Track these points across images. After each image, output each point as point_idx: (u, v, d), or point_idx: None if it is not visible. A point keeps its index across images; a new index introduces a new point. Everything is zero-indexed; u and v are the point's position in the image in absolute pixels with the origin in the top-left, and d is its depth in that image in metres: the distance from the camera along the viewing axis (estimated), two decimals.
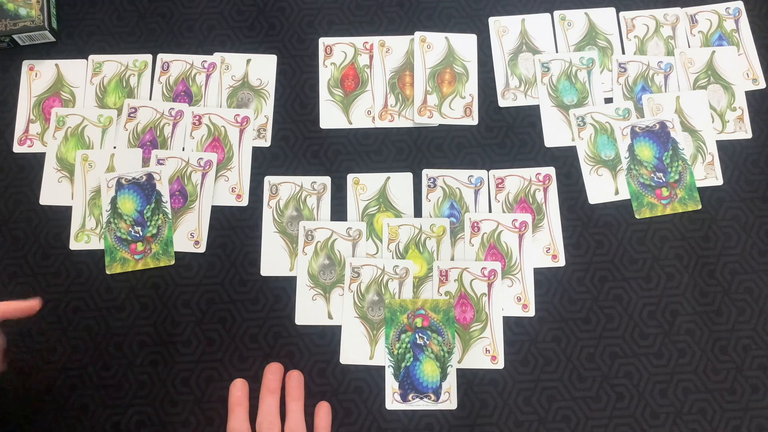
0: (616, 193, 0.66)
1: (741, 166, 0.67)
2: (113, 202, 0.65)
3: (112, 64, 0.70)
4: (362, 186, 0.66)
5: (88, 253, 0.64)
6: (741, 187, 0.66)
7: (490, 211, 0.65)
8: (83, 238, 0.64)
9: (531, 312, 0.62)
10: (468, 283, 0.62)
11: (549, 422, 0.60)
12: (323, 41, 0.71)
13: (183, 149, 0.67)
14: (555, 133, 0.68)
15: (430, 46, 0.70)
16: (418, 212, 0.65)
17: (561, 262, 0.64)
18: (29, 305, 0.54)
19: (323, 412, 0.59)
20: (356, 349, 0.61)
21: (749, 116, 0.68)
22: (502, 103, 0.69)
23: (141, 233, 0.64)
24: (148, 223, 0.64)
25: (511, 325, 0.62)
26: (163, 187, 0.65)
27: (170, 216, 0.64)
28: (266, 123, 0.68)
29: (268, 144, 0.68)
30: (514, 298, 0.63)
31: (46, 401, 0.60)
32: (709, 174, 0.66)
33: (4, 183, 0.66)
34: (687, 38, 0.71)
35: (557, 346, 0.62)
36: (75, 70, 0.70)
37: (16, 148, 0.67)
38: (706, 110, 0.68)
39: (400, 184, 0.66)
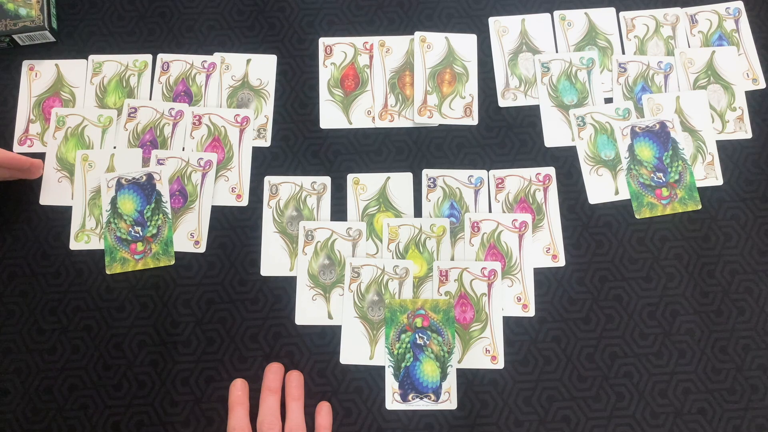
0: (616, 193, 0.66)
1: (741, 166, 0.67)
2: (113, 202, 0.65)
3: (112, 64, 0.70)
4: (362, 186, 0.66)
5: (88, 253, 0.64)
6: (741, 187, 0.66)
7: (490, 211, 0.65)
8: (83, 238, 0.64)
9: (531, 312, 0.62)
10: (468, 283, 0.62)
11: (549, 422, 0.60)
12: (323, 41, 0.71)
13: (183, 149, 0.67)
14: (555, 133, 0.68)
15: (430, 46, 0.70)
16: (418, 212, 0.65)
17: (561, 262, 0.64)
18: (30, 162, 0.62)
19: (324, 411, 0.59)
20: (356, 349, 0.61)
21: (749, 116, 0.68)
22: (502, 103, 0.69)
23: (141, 233, 0.64)
24: (148, 223, 0.64)
25: (511, 325, 0.62)
26: (163, 187, 0.65)
27: (170, 216, 0.64)
28: (266, 123, 0.68)
29: (268, 144, 0.68)
30: (514, 298, 0.63)
31: (46, 401, 0.60)
32: (709, 174, 0.66)
33: (4, 183, 0.66)
34: (687, 38, 0.71)
35: (557, 346, 0.62)
36: (75, 70, 0.70)
37: (16, 148, 0.67)
38: (706, 110, 0.68)
39: (400, 184, 0.66)
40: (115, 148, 0.67)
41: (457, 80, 0.69)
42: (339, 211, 0.66)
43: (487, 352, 0.61)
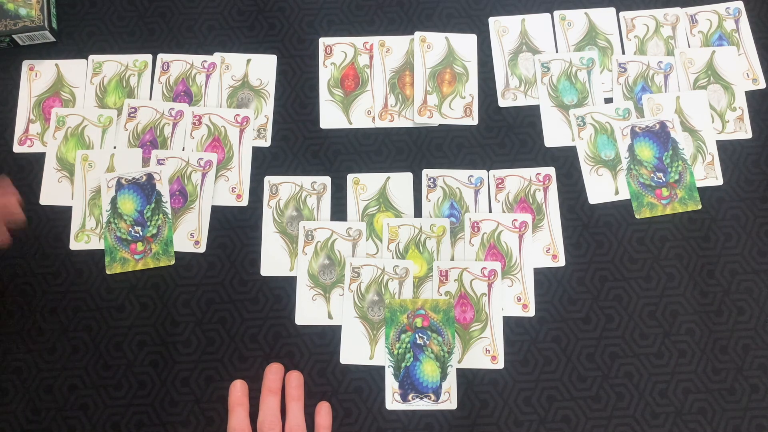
0: (616, 193, 0.66)
1: (741, 166, 0.67)
2: (113, 202, 0.65)
3: (112, 64, 0.70)
4: (362, 186, 0.66)
5: (88, 253, 0.64)
6: (741, 187, 0.66)
7: (490, 211, 0.65)
8: (83, 238, 0.64)
9: (531, 312, 0.62)
10: (468, 283, 0.62)
11: (549, 422, 0.60)
12: (323, 41, 0.71)
13: (183, 149, 0.67)
14: (555, 133, 0.68)
15: (430, 46, 0.70)
16: (418, 212, 0.65)
17: (561, 262, 0.64)
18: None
19: (324, 411, 0.59)
20: (356, 349, 0.61)
21: (749, 116, 0.68)
22: (502, 103, 0.69)
23: (141, 233, 0.64)
24: (148, 223, 0.64)
25: (511, 325, 0.62)
26: (163, 187, 0.65)
27: (170, 216, 0.64)
28: (266, 123, 0.68)
29: (268, 144, 0.68)
30: (514, 298, 0.63)
31: (46, 401, 0.60)
32: (709, 174, 0.66)
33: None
34: (687, 38, 0.71)
35: (557, 346, 0.62)
36: (75, 70, 0.70)
37: (16, 148, 0.67)
38: (706, 110, 0.68)
39: (400, 184, 0.66)
40: (115, 148, 0.67)
41: (457, 80, 0.69)
42: (339, 211, 0.66)
43: (487, 352, 0.61)
